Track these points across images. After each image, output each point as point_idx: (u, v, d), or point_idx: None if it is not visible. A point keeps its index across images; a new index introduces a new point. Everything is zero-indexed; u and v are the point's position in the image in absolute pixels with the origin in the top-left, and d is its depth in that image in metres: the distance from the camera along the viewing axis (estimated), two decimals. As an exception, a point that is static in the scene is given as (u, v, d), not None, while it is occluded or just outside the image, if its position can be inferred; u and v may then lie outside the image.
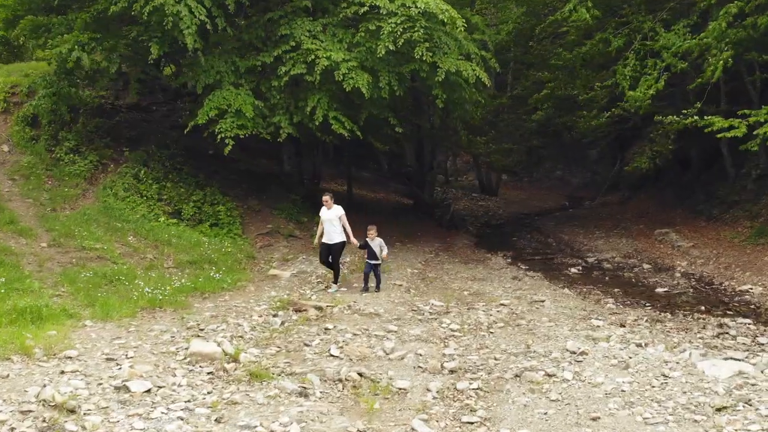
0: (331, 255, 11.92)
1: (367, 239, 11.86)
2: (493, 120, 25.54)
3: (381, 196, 26.22)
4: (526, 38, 25.09)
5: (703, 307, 11.38)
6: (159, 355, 7.86)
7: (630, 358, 7.68)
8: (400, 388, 7.29)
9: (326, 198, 11.98)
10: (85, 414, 6.11)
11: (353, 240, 11.85)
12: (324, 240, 11.91)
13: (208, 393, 6.93)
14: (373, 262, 11.78)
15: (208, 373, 7.47)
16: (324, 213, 11.94)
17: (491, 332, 9.45)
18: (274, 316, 9.96)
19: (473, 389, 7.28)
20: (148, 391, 6.72)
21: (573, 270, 15.32)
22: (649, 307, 11.42)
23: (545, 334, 9.14)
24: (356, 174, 29.98)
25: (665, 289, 12.94)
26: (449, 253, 17.21)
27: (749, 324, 9.99)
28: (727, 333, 9.51)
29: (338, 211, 11.91)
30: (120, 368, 7.25)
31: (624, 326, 9.79)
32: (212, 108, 14.35)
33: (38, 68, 19.26)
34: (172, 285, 11.01)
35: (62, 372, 7.02)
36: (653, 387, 6.82)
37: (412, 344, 8.80)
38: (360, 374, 7.64)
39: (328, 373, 7.57)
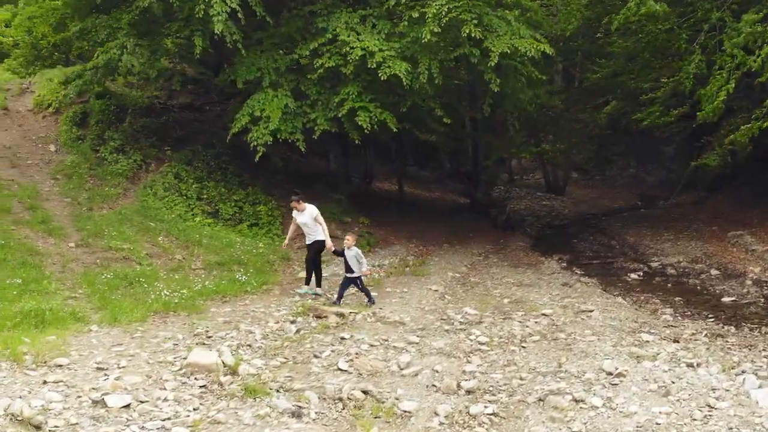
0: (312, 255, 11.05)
1: (344, 247, 10.60)
2: (553, 116, 24.16)
3: (436, 195, 25.41)
4: (593, 30, 23.80)
5: (774, 320, 10.06)
6: (154, 365, 7.37)
7: (673, 382, 6.63)
8: (404, 411, 6.53)
9: (293, 203, 10.99)
10: (50, 431, 5.65)
11: (329, 244, 10.83)
12: (307, 242, 11.12)
13: (194, 410, 6.38)
14: (348, 275, 10.49)
15: (201, 387, 6.92)
16: (297, 216, 11.05)
17: (523, 347, 8.53)
18: (292, 322, 9.35)
19: (488, 414, 6.44)
20: (127, 406, 6.22)
21: (633, 276, 14.09)
22: (712, 319, 10.19)
23: (583, 351, 8.15)
24: (415, 173, 29.33)
25: (732, 299, 11.60)
26: (499, 256, 16.24)
27: (827, 342, 8.67)
28: (798, 352, 8.25)
29: (312, 212, 10.87)
30: (106, 379, 6.78)
31: (678, 341, 8.67)
32: (245, 115, 14.12)
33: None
34: (193, 288, 10.58)
35: (45, 382, 6.61)
36: (694, 420, 5.79)
37: (432, 358, 8.01)
38: (365, 392, 6.94)
39: (329, 391, 6.88)
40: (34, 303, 8.65)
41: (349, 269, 10.43)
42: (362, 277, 10.58)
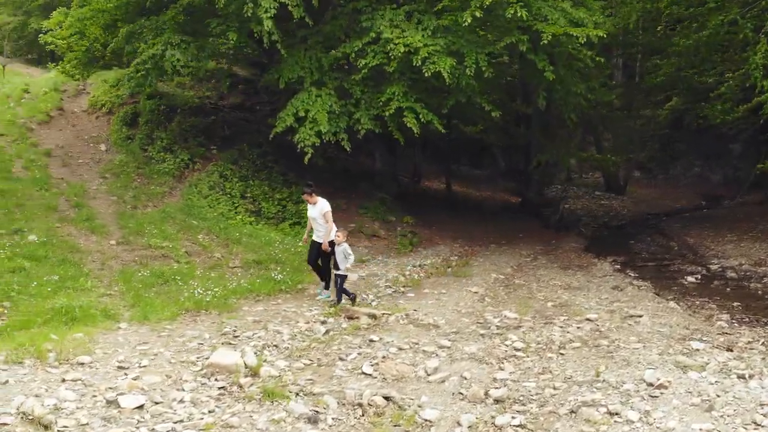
0: (319, 256, 10.51)
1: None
2: (610, 113, 23.22)
3: (487, 194, 24.86)
4: (654, 23, 22.89)
5: (843, 330, 9.24)
6: (176, 365, 7.25)
7: (718, 396, 6.08)
8: (425, 420, 6.19)
9: (305, 195, 10.54)
10: (59, 431, 5.56)
11: (325, 245, 10.27)
12: (314, 238, 10.58)
13: (209, 412, 6.20)
14: (335, 271, 10.10)
15: (220, 388, 6.75)
16: (309, 210, 10.62)
17: (561, 354, 8.05)
18: (322, 323, 9.13)
19: (515, 426, 6.03)
20: (141, 407, 6.09)
21: (690, 279, 13.31)
22: (772, 327, 9.45)
23: (625, 359, 7.62)
24: (468, 172, 28.84)
25: (797, 305, 10.79)
26: (549, 257, 15.64)
27: None
28: None
29: (323, 206, 10.39)
30: (125, 378, 6.69)
31: (731, 350, 8.04)
32: (289, 115, 13.99)
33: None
34: (227, 286, 10.49)
35: (63, 380, 6.56)
36: (738, 440, 5.27)
37: (462, 364, 7.63)
38: (387, 398, 6.62)
39: (349, 396, 6.59)
40: (65, 300, 8.69)
41: (335, 266, 10.11)
42: (345, 277, 10.13)
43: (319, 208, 10.38)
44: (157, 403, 6.21)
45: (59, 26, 17.59)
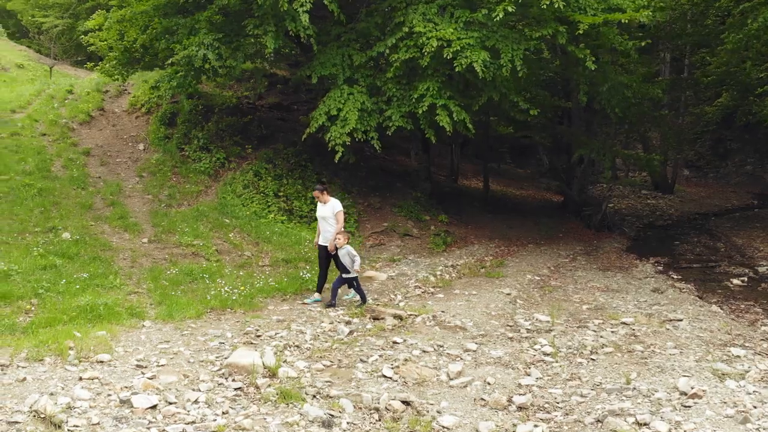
0: (329, 259, 10.16)
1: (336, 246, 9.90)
2: (651, 112, 22.43)
3: (528, 193, 24.37)
4: (702, 16, 22.12)
5: None
6: (194, 364, 7.18)
7: (754, 407, 5.69)
8: (443, 426, 5.96)
9: (316, 192, 10.20)
10: (69, 430, 5.52)
11: (331, 245, 9.92)
12: (320, 241, 10.20)
13: (223, 413, 6.09)
14: (344, 275, 9.82)
15: (236, 389, 6.64)
16: (318, 209, 10.29)
17: (592, 359, 7.72)
18: (347, 323, 8.97)
19: (536, 434, 5.77)
20: (154, 407, 6.02)
21: (735, 281, 12.74)
22: (822, 334, 8.91)
23: (659, 366, 7.25)
24: (510, 170, 28.38)
25: None
26: (589, 258, 15.18)
27: None
28: None
29: (335, 205, 10.04)
30: (142, 377, 6.64)
31: (775, 358, 7.59)
32: (321, 114, 13.87)
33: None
34: (255, 285, 10.42)
35: (80, 378, 6.55)
36: (774, 456, 4.90)
37: (487, 368, 7.37)
38: (406, 402, 6.41)
39: (366, 399, 6.41)
40: (91, 297, 8.73)
41: (344, 269, 9.83)
42: (357, 277, 9.91)
43: (331, 207, 10.10)
44: (170, 404, 6.13)
45: (99, 28, 17.83)
